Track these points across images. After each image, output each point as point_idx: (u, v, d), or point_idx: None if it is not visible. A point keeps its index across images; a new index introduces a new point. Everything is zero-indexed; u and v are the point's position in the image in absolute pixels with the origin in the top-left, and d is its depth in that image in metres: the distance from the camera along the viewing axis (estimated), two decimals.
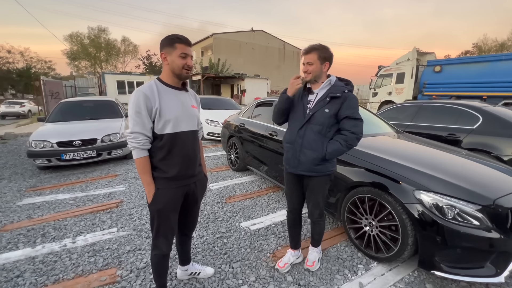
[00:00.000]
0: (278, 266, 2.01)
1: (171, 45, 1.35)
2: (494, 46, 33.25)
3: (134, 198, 3.36)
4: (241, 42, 34.22)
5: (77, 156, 4.28)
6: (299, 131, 1.74)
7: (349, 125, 1.64)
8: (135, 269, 2.01)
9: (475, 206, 1.71)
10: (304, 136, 1.71)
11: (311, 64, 1.67)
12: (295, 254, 2.07)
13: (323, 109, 1.66)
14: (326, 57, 1.67)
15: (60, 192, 3.54)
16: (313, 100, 1.74)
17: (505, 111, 3.89)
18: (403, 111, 4.87)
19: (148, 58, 37.55)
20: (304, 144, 1.71)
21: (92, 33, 37.07)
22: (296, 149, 1.75)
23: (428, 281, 1.91)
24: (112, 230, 2.57)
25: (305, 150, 1.71)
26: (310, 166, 1.72)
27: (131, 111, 1.33)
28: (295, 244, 2.07)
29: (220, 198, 3.37)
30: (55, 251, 2.23)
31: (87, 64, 38.38)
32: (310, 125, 1.70)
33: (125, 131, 1.38)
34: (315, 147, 1.68)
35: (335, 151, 1.65)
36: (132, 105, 1.33)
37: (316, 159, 1.69)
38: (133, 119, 1.33)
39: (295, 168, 1.78)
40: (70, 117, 5.16)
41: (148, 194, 1.42)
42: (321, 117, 1.67)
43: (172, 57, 1.36)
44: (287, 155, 1.83)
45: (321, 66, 1.68)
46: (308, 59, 1.67)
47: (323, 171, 1.75)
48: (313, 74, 1.68)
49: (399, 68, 12.24)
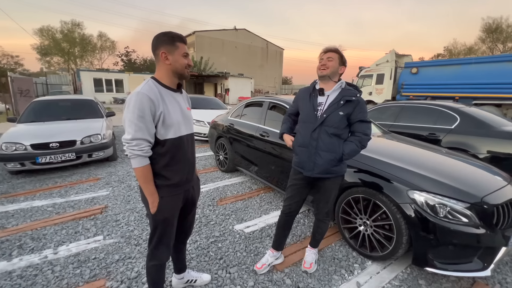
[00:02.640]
0: (256, 267, 1.98)
1: (173, 43, 1.28)
2: (463, 50, 35.59)
3: (119, 202, 3.19)
4: (224, 41, 33.93)
5: (54, 159, 4.00)
6: (313, 133, 1.72)
7: (362, 127, 1.70)
8: (126, 279, 1.90)
9: (464, 204, 1.79)
10: (318, 139, 1.70)
11: (331, 59, 1.67)
12: (274, 255, 2.05)
13: (337, 112, 1.66)
14: (345, 63, 1.72)
15: (36, 199, 3.29)
16: (324, 102, 1.73)
17: (480, 112, 4.15)
18: (386, 112, 5.04)
19: (126, 55, 36.13)
20: (320, 146, 1.70)
21: (65, 27, 35.01)
22: (311, 152, 1.73)
23: (421, 277, 1.98)
24: (98, 238, 2.42)
25: (321, 152, 1.70)
26: (327, 168, 1.72)
27: (132, 115, 1.20)
28: (278, 245, 2.05)
29: (211, 201, 3.29)
30: (34, 264, 2.06)
31: (60, 60, 36.21)
32: (324, 127, 1.69)
33: (123, 137, 1.27)
34: (332, 148, 1.69)
35: (352, 151, 1.68)
36: (134, 109, 1.19)
37: (334, 160, 1.70)
38: (134, 124, 1.20)
39: (311, 171, 1.75)
40: (45, 117, 4.81)
41: (152, 205, 1.32)
42: (336, 119, 1.67)
43: (175, 56, 1.29)
44: (301, 158, 1.79)
45: (339, 67, 1.70)
46: (329, 55, 1.68)
47: (339, 172, 1.77)
48: (331, 69, 1.67)
49: (379, 69, 12.72)
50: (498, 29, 31.34)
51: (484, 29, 32.47)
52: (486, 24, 32.10)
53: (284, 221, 1.98)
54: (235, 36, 34.91)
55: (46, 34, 34.14)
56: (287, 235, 2.06)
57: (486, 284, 1.93)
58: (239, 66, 33.79)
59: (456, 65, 10.42)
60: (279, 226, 2.01)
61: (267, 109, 3.56)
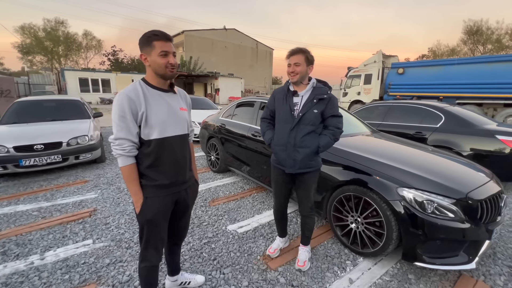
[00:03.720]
0: (269, 252, 2.18)
1: (149, 43, 1.24)
2: (446, 51, 36.76)
3: (108, 205, 3.12)
4: (214, 40, 33.70)
5: (39, 161, 3.86)
6: (291, 132, 1.80)
7: (334, 122, 1.82)
8: (117, 283, 1.86)
9: (451, 200, 1.85)
10: (296, 137, 1.79)
11: (298, 65, 1.72)
12: (282, 240, 2.28)
13: (312, 110, 1.77)
14: (311, 61, 1.77)
15: (21, 203, 3.16)
16: (299, 102, 1.81)
17: (463, 111, 4.31)
18: (375, 111, 5.16)
19: (113, 54, 35.26)
20: (297, 143, 1.79)
21: (48, 25, 33.75)
22: (290, 149, 1.81)
23: (410, 271, 2.04)
24: (87, 242, 2.35)
25: (299, 149, 1.79)
26: (307, 162, 1.81)
27: (115, 116, 1.22)
28: (282, 233, 2.26)
29: (203, 202, 3.27)
30: (20, 271, 1.98)
31: (43, 59, 34.88)
32: (301, 126, 1.78)
33: (110, 137, 1.25)
34: (309, 144, 1.78)
35: (327, 144, 1.80)
36: (116, 109, 1.21)
37: (311, 154, 1.80)
38: (117, 124, 1.22)
39: (293, 168, 1.84)
40: (28, 118, 4.62)
41: (136, 204, 1.31)
42: (311, 117, 1.77)
43: (151, 57, 1.25)
44: (280, 156, 1.87)
45: (307, 68, 1.75)
46: (295, 59, 1.72)
47: (317, 165, 1.87)
48: (300, 75, 1.74)
49: (367, 70, 12.96)
50: (478, 31, 32.57)
51: (465, 31, 33.67)
52: (467, 26, 33.30)
53: (279, 214, 2.15)
54: (224, 36, 34.73)
55: (28, 32, 32.77)
56: (286, 224, 2.26)
57: (472, 276, 2.01)
58: (229, 66, 33.66)
59: (440, 66, 10.77)
60: (276, 220, 2.21)
61: (258, 109, 3.57)
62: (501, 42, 31.47)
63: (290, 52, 1.75)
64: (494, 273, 2.04)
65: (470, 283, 1.94)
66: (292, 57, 1.73)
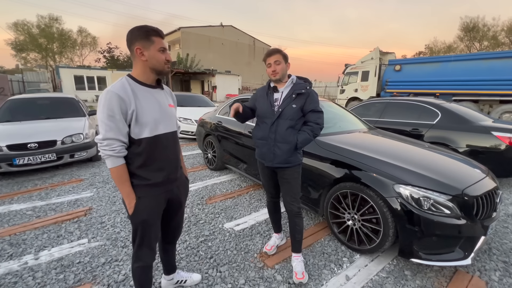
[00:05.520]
0: (266, 249, 2.19)
1: (147, 38, 1.21)
2: (443, 48, 36.87)
3: (104, 204, 3.09)
4: (211, 37, 33.44)
5: (33, 160, 3.81)
6: (271, 127, 1.83)
7: (313, 117, 1.82)
8: (113, 282, 1.84)
9: (447, 196, 1.86)
10: (276, 131, 1.82)
11: (279, 63, 1.80)
12: (278, 237, 2.29)
13: (291, 105, 1.80)
14: (287, 58, 1.84)
15: (15, 202, 3.13)
16: (279, 98, 1.86)
17: (459, 107, 4.32)
18: (372, 108, 5.16)
19: (109, 51, 34.83)
20: (277, 138, 1.81)
21: (42, 22, 33.21)
22: (270, 144, 1.84)
23: (406, 268, 2.05)
24: (82, 242, 2.33)
25: (279, 144, 1.81)
26: (285, 158, 1.82)
27: (102, 115, 1.15)
28: (277, 228, 2.28)
29: (200, 199, 3.25)
30: (14, 271, 1.95)
31: (37, 56, 34.31)
32: (281, 120, 1.81)
33: (96, 137, 1.21)
34: (287, 139, 1.79)
35: (305, 140, 1.79)
36: (103, 108, 1.15)
37: (290, 150, 1.81)
38: (105, 124, 1.16)
39: (271, 162, 1.86)
40: (22, 116, 4.56)
41: (128, 205, 1.28)
42: (290, 112, 1.79)
43: (151, 52, 1.22)
44: (262, 151, 1.91)
45: (285, 66, 1.83)
46: (275, 58, 1.80)
47: (296, 161, 1.87)
48: (281, 72, 1.81)
49: (364, 67, 12.95)
50: (475, 28, 32.68)
51: (462, 28, 33.78)
52: (464, 23, 33.40)
53: (271, 204, 2.17)
54: (221, 32, 34.46)
55: (21, 29, 32.19)
56: (280, 217, 2.26)
57: (467, 272, 2.02)
58: (226, 63, 33.43)
59: (437, 63, 10.78)
60: (270, 212, 2.21)
61: None
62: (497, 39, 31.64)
63: (268, 53, 1.83)
64: (490, 269, 2.06)
65: (466, 278, 1.95)
66: (271, 57, 1.80)
